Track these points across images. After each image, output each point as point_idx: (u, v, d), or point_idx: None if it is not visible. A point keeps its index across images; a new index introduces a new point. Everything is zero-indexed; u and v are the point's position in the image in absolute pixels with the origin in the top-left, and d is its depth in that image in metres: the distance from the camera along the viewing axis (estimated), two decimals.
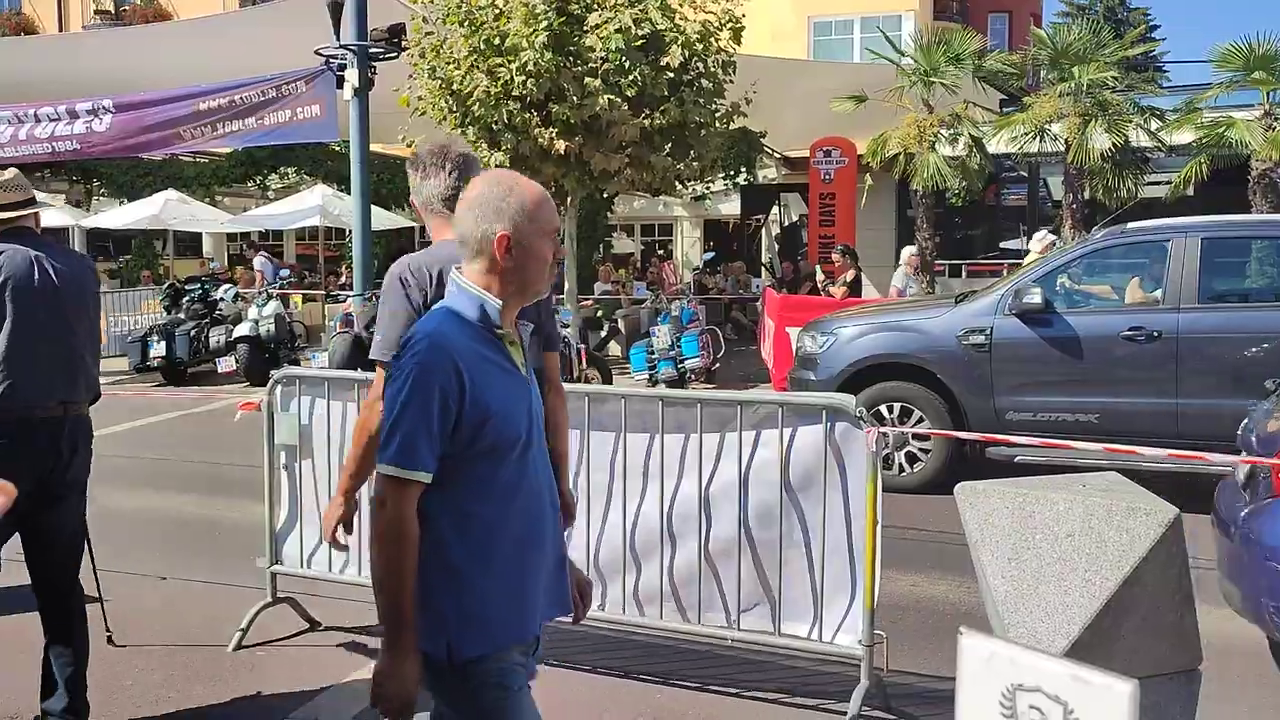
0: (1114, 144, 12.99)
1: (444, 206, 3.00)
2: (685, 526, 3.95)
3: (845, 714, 3.66)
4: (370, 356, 2.98)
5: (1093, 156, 12.94)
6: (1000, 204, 21.35)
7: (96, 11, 29.32)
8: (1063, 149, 13.41)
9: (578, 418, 4.09)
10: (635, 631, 4.38)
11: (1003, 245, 21.29)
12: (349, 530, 3.17)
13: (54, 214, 19.59)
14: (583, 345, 11.01)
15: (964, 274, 16.65)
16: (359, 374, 4.63)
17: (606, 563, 4.07)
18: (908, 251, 12.61)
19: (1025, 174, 19.65)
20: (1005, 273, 17.24)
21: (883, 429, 3.70)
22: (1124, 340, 6.96)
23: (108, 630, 4.47)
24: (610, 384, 10.61)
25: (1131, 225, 7.59)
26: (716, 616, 3.94)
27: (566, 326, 10.23)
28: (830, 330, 7.85)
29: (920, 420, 7.42)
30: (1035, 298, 7.04)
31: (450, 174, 3.03)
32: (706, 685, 4.12)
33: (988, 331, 7.22)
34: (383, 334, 2.90)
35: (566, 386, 3.32)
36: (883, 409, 7.50)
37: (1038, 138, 13.19)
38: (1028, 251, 11.78)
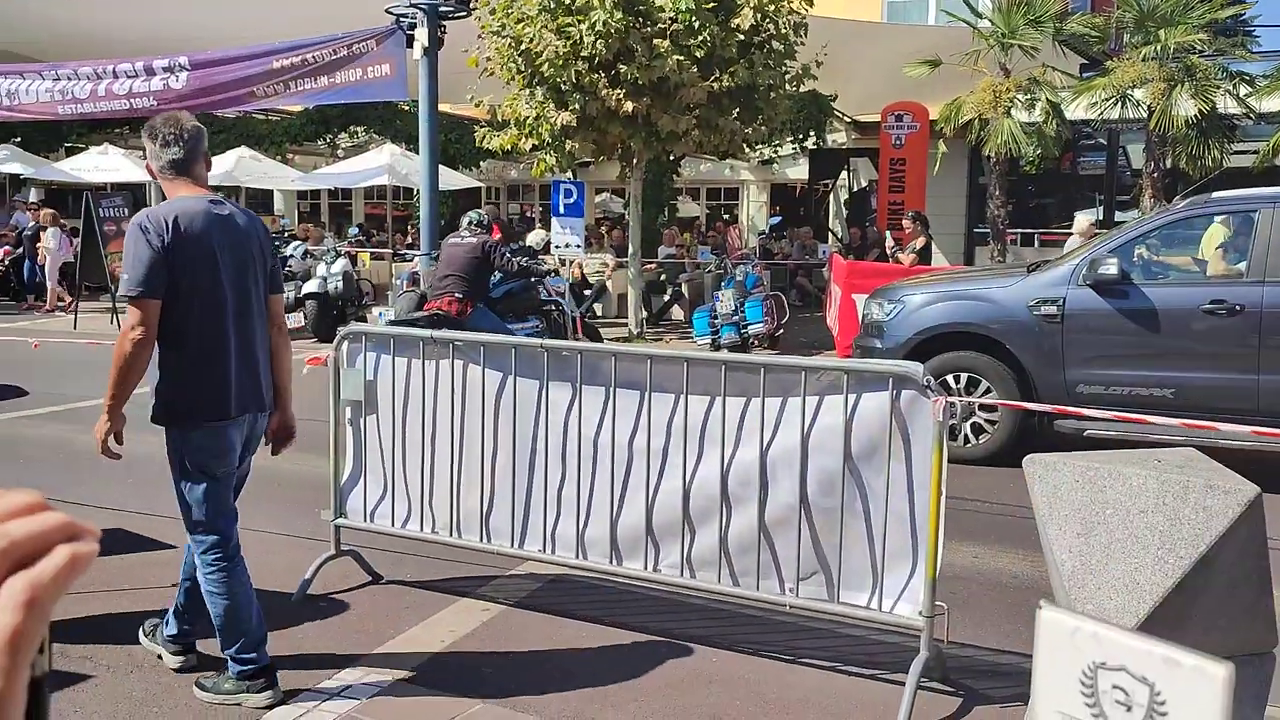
0: (1200, 110, 12.54)
1: (173, 171, 3.51)
2: (743, 492, 3.92)
3: (903, 684, 3.62)
4: (119, 293, 3.56)
5: (1177, 123, 12.51)
6: (1076, 172, 20.78)
7: None
8: (1145, 115, 12.98)
9: (639, 380, 4.07)
10: (690, 595, 4.38)
11: (1078, 215, 20.76)
12: (119, 441, 3.75)
13: (132, 169, 20.01)
14: (577, 313, 10.90)
15: (1036, 243, 16.26)
16: (424, 331, 4.65)
17: (662, 526, 4.06)
18: (1084, 219, 12.11)
19: (1104, 141, 19.09)
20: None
21: (950, 398, 3.62)
22: (1204, 314, 6.74)
23: None
24: None
25: (1216, 195, 7.32)
26: (773, 583, 3.91)
27: (560, 294, 10.14)
28: (898, 298, 7.72)
29: (988, 391, 7.28)
30: (1111, 268, 6.84)
31: (181, 144, 3.49)
32: (760, 650, 4.11)
33: (1060, 302, 7.04)
34: (129, 273, 3.40)
35: (626, 348, 3.35)
36: (949, 379, 7.37)
37: (1119, 103, 12.78)
38: (1101, 224, 11.44)
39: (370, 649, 4.06)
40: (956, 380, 7.37)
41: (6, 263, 18.21)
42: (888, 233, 13.18)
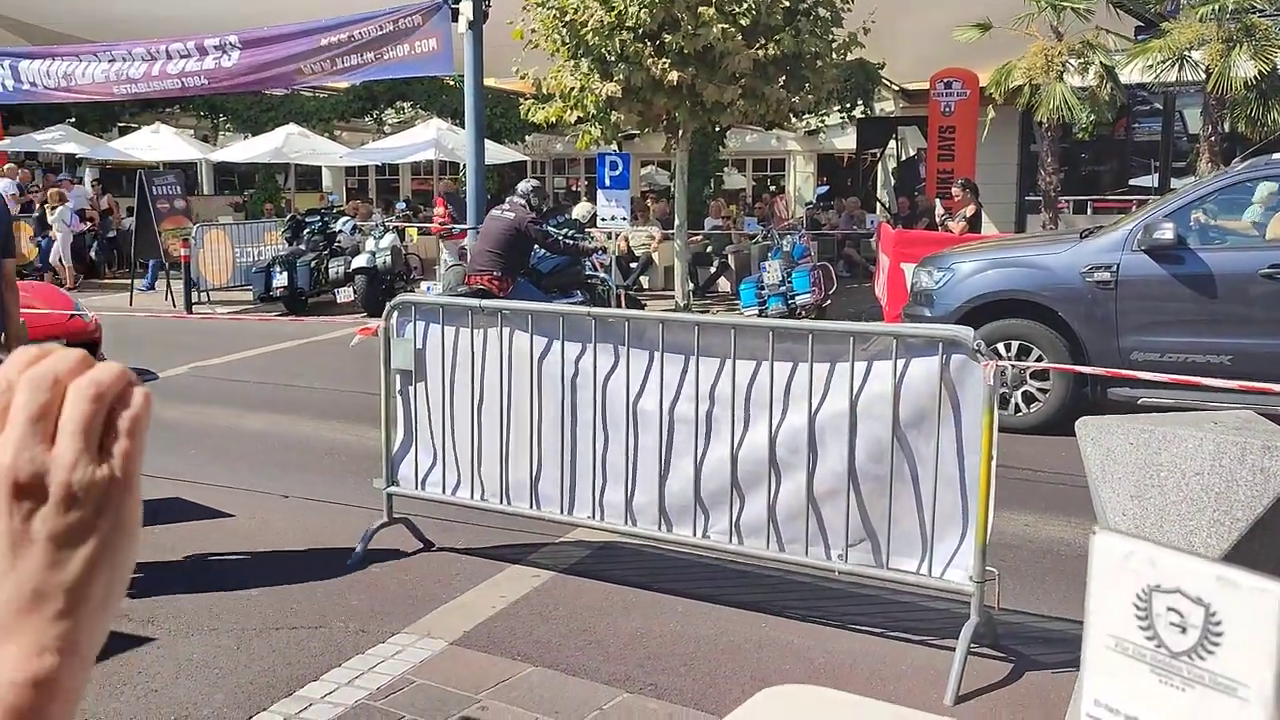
0: (1260, 71, 12.18)
1: None
2: (792, 459, 3.91)
3: (953, 650, 3.61)
4: None
5: (1236, 85, 12.18)
6: (1131, 138, 20.33)
7: None
8: (1202, 78, 12.66)
9: (685, 346, 4.08)
10: (737, 561, 4.40)
11: (1132, 182, 20.33)
12: None
13: (183, 147, 20.30)
14: (621, 287, 10.80)
15: (1089, 210, 15.96)
16: (472, 300, 4.69)
17: (711, 493, 4.07)
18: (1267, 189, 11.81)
19: (1159, 106, 18.65)
20: (1134, 210, 16.57)
21: (1000, 362, 3.58)
22: (1263, 279, 6.59)
23: None
24: None
25: (1276, 156, 7.14)
26: (821, 550, 3.91)
27: (605, 268, 10.05)
28: (947, 266, 7.63)
29: (1040, 359, 7.19)
30: (1167, 233, 6.70)
31: None
32: (809, 616, 4.12)
33: (1114, 268, 6.92)
34: None
35: (673, 315, 3.34)
36: (1000, 347, 7.28)
37: (1176, 66, 12.45)
38: (1156, 190, 11.16)
39: (422, 614, 4.13)
40: (1007, 348, 7.28)
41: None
42: (937, 200, 12.99)
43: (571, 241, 9.18)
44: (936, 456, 3.69)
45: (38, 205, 17.93)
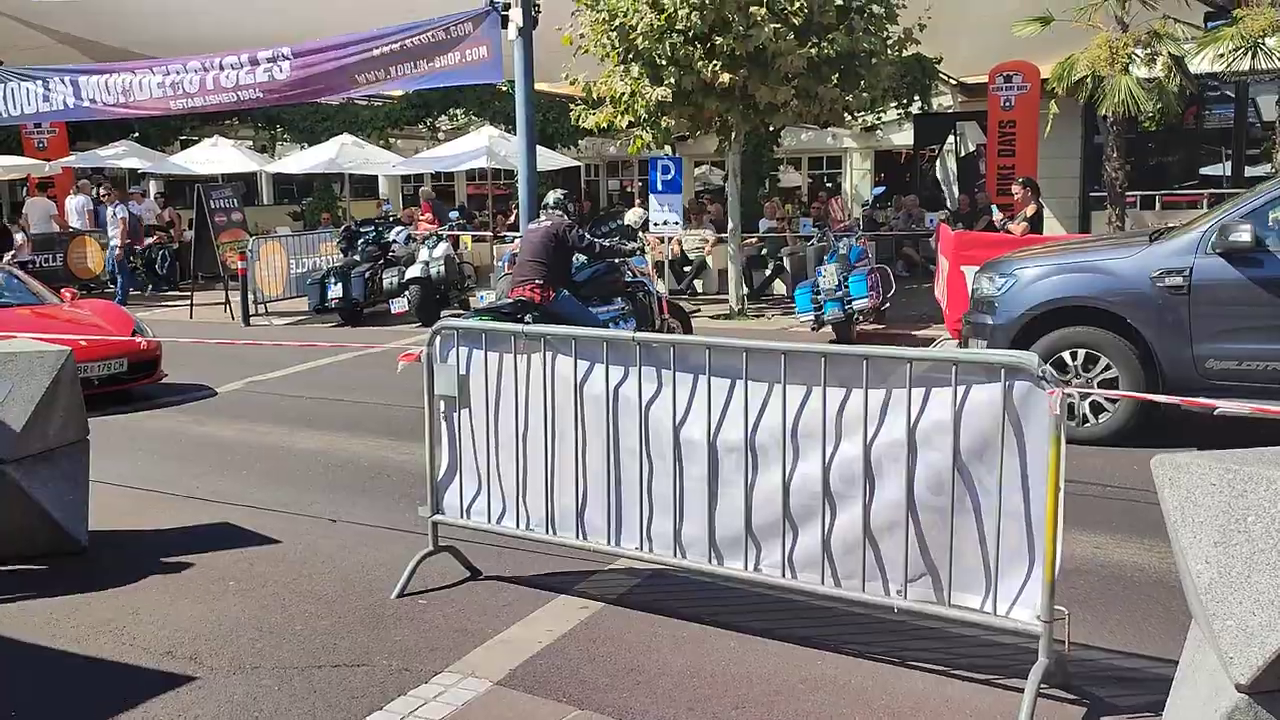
0: None
1: None
2: (847, 489, 3.73)
3: (1021, 691, 3.41)
4: None
5: None
6: (1201, 126, 19.66)
7: None
8: (1278, 65, 12.16)
9: (733, 370, 3.92)
10: (792, 595, 4.22)
11: (1203, 171, 19.67)
12: None
13: (241, 159, 20.56)
14: (664, 293, 10.49)
15: (1158, 205, 15.44)
16: (515, 326, 4.57)
17: (762, 525, 3.90)
18: None
19: (1231, 94, 18.01)
20: (1205, 204, 15.99)
21: (1068, 389, 3.37)
22: None
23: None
24: (691, 331, 10.13)
25: None
26: (878, 585, 3.73)
27: (643, 274, 9.78)
28: (1009, 271, 7.36)
29: (1108, 368, 6.91)
30: (1244, 235, 6.38)
31: None
32: (867, 653, 3.94)
33: (1187, 272, 6.61)
34: None
35: (720, 340, 3.16)
36: (1065, 356, 7.01)
37: (1249, 54, 11.96)
38: (1229, 180, 10.72)
39: (468, 650, 4.02)
40: (1074, 357, 7.01)
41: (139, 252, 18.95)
42: (993, 208, 12.60)
43: (609, 244, 8.99)
44: (1000, 488, 3.49)
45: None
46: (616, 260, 9.21)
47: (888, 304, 11.86)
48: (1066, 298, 7.07)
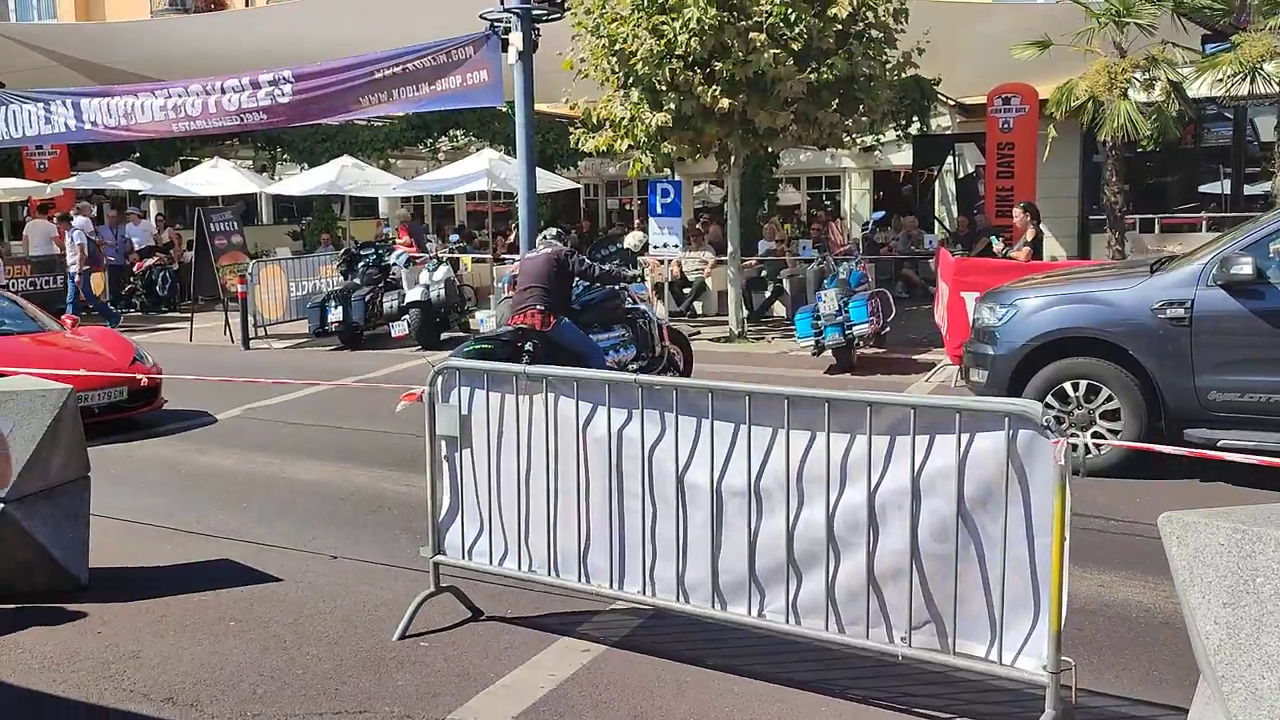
0: None
1: None
2: (851, 535, 3.72)
3: None
4: None
5: None
6: (1199, 145, 19.71)
7: None
8: (1276, 90, 12.19)
9: (736, 416, 3.91)
10: (794, 638, 4.20)
11: (1202, 189, 19.71)
12: None
13: (241, 181, 20.58)
14: (664, 319, 10.41)
15: (1157, 228, 15.46)
16: (517, 366, 4.57)
17: (765, 570, 3.89)
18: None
19: (1229, 114, 18.06)
20: (1204, 226, 16.00)
21: (1073, 439, 3.36)
22: None
23: None
24: (691, 357, 10.08)
25: None
26: (882, 632, 3.71)
27: (643, 301, 9.73)
28: (1010, 302, 7.36)
29: (1110, 399, 6.90)
30: (1245, 268, 6.38)
31: None
32: (871, 699, 3.92)
33: (1188, 304, 6.62)
34: None
35: (722, 384, 3.15)
36: (1067, 386, 7.01)
37: (1248, 79, 12.00)
38: (1228, 199, 10.69)
39: (470, 696, 4.00)
40: (1075, 388, 7.01)
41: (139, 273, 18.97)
42: (993, 239, 12.59)
43: (609, 269, 8.99)
44: (1005, 536, 3.48)
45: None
46: (617, 287, 9.18)
47: (888, 328, 11.86)
48: (1068, 328, 7.07)
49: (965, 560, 3.55)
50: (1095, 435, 6.98)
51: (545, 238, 8.91)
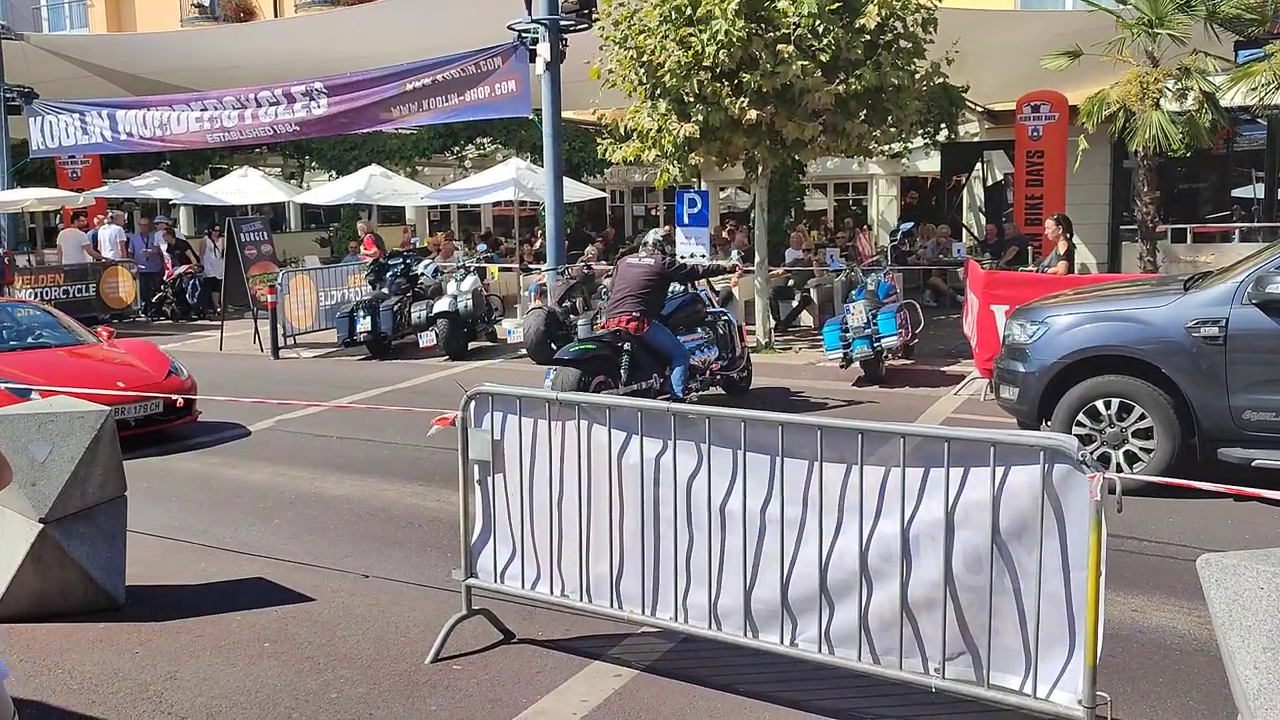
0: None
1: None
2: (885, 567, 3.72)
3: None
4: None
5: None
6: (1232, 150, 19.49)
7: None
8: None
9: (771, 446, 3.91)
10: (828, 667, 4.19)
11: (1235, 193, 19.48)
12: None
13: (270, 190, 20.77)
14: (741, 322, 11.06)
15: (1189, 238, 15.31)
16: (549, 393, 4.59)
17: (798, 599, 3.89)
18: None
19: (1263, 120, 17.86)
20: (1237, 236, 15.81)
21: (1108, 474, 3.35)
22: None
23: None
24: (751, 370, 10.57)
25: None
26: (916, 663, 3.71)
27: (721, 303, 10.62)
28: (1041, 319, 7.33)
29: (1142, 417, 6.85)
30: None
31: None
32: None
33: (1223, 323, 6.56)
34: None
35: (756, 414, 3.15)
36: (1099, 404, 6.97)
37: None
38: (1261, 204, 10.58)
39: None
40: (1107, 406, 6.96)
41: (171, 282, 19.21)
42: (1029, 264, 12.54)
43: (706, 264, 10.08)
44: (1040, 569, 3.46)
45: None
46: (700, 293, 10.01)
47: (917, 339, 11.82)
48: (1100, 346, 7.03)
49: (1000, 592, 3.55)
50: (1128, 455, 6.93)
51: (648, 244, 9.37)
